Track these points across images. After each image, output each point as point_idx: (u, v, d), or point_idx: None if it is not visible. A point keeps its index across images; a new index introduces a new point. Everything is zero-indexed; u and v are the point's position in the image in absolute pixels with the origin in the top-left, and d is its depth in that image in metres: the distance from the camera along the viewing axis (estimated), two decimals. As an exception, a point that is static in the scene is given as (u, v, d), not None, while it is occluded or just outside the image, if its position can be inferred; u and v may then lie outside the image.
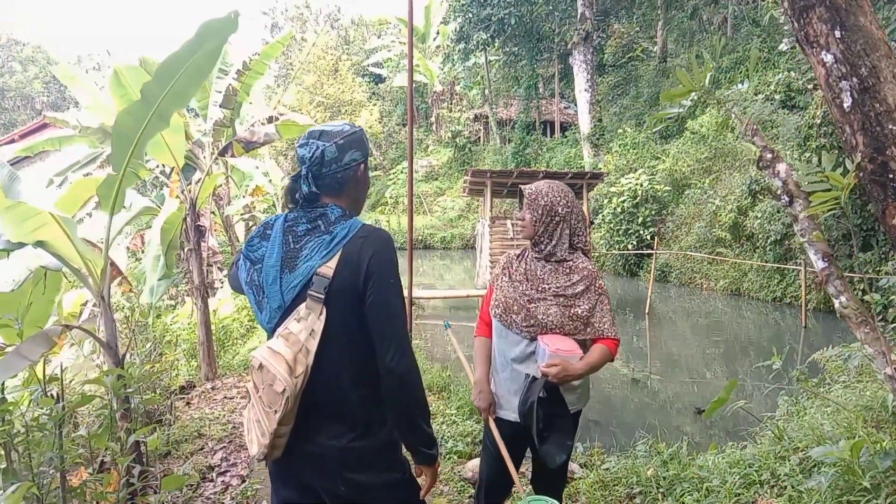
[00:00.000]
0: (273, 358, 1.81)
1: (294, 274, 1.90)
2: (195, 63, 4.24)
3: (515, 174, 13.95)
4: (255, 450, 1.86)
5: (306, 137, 1.98)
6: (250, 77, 14.46)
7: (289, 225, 1.98)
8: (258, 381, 1.85)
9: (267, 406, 1.81)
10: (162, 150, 7.01)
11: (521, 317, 2.71)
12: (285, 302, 1.90)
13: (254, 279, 1.97)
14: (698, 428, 7.12)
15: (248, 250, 2.02)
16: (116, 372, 3.93)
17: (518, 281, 2.79)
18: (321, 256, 1.88)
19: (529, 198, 2.79)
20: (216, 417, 5.76)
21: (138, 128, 4.22)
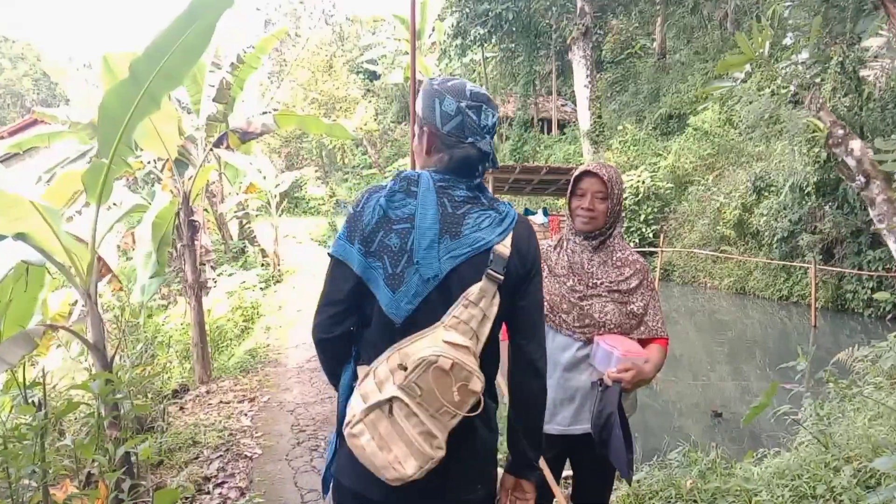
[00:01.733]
0: (460, 352, 1.51)
1: (457, 242, 1.60)
2: (187, 41, 3.90)
3: (518, 170, 13.61)
4: (413, 469, 1.50)
5: (476, 99, 1.67)
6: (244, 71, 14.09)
7: (441, 185, 1.66)
8: (439, 385, 1.49)
9: (452, 410, 1.50)
10: (153, 140, 6.66)
11: (573, 316, 2.39)
12: (441, 272, 1.58)
13: (390, 244, 1.60)
14: (718, 432, 6.80)
15: (388, 205, 1.62)
16: (104, 376, 3.57)
17: (562, 275, 2.45)
18: (497, 233, 1.63)
19: (609, 184, 2.40)
20: (211, 424, 5.40)
21: (127, 109, 3.87)
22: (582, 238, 2.47)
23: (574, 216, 2.45)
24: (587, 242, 2.46)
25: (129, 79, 3.79)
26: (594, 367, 2.37)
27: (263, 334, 9.81)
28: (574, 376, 2.41)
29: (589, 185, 2.41)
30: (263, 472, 4.54)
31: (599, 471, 2.50)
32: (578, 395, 2.41)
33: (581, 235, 2.47)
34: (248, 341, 9.44)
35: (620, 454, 2.22)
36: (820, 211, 13.96)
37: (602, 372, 2.29)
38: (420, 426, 1.50)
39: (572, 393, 2.42)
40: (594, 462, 2.45)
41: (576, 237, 2.49)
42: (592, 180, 2.41)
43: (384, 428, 1.51)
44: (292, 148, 35.74)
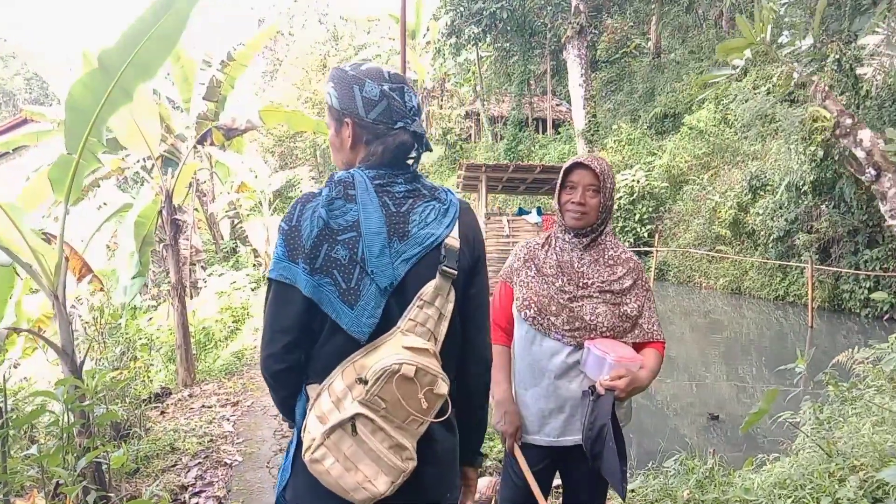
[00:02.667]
0: (423, 357, 1.40)
1: (407, 243, 1.50)
2: (161, 30, 3.72)
3: (511, 168, 13.45)
4: (385, 486, 1.38)
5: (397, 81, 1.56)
6: (235, 69, 13.91)
7: (379, 184, 1.53)
8: (404, 394, 1.36)
9: (419, 417, 1.39)
10: (135, 137, 6.47)
11: (563, 319, 2.23)
12: (396, 278, 1.47)
13: (338, 257, 1.45)
14: (714, 436, 6.64)
15: (329, 214, 1.46)
16: (70, 381, 3.39)
17: (551, 275, 2.30)
18: (445, 225, 1.54)
19: (601, 177, 2.25)
20: (192, 429, 5.21)
21: (96, 102, 3.68)
22: (572, 235, 2.32)
23: (564, 211, 2.30)
24: (577, 240, 2.31)
25: (99, 70, 3.61)
26: (585, 375, 2.21)
27: (251, 336, 9.62)
28: (564, 384, 2.25)
29: (580, 177, 2.26)
30: (243, 480, 4.36)
31: (591, 483, 2.33)
32: (569, 404, 2.25)
33: (571, 232, 2.32)
34: (235, 343, 9.25)
35: (614, 468, 2.06)
36: (816, 210, 13.82)
37: (594, 379, 2.13)
38: (388, 440, 1.38)
39: (562, 402, 2.26)
40: (585, 474, 2.30)
41: (565, 234, 2.34)
42: (584, 172, 2.26)
43: (348, 448, 1.38)
44: (286, 147, 35.53)
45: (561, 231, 2.36)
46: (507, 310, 2.40)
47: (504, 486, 2.43)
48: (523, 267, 2.38)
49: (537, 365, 2.30)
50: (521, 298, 2.32)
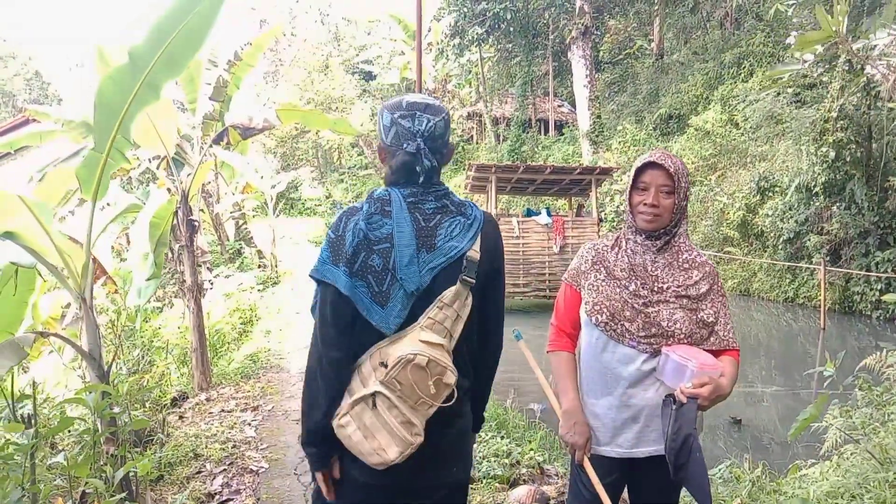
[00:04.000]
0: (436, 350, 1.68)
1: (434, 254, 1.76)
2: (190, 24, 3.60)
3: (521, 169, 13.35)
4: (395, 454, 1.67)
5: (410, 108, 1.81)
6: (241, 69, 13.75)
7: (411, 201, 1.80)
8: (417, 379, 1.66)
9: (429, 401, 1.68)
10: (150, 135, 6.36)
11: (638, 325, 2.12)
12: (423, 284, 1.74)
13: (373, 264, 1.74)
14: (741, 441, 6.53)
15: (368, 227, 1.75)
16: (101, 388, 3.28)
17: (623, 278, 2.19)
18: (468, 240, 1.79)
19: (676, 176, 2.13)
20: (213, 435, 5.09)
21: (125, 98, 3.57)
22: (644, 237, 2.20)
23: (636, 213, 2.18)
24: (650, 242, 2.19)
25: (128, 65, 3.49)
26: (663, 382, 2.10)
27: (263, 338, 9.50)
28: (638, 393, 2.15)
29: (652, 178, 2.14)
30: (271, 487, 4.25)
31: (663, 496, 2.24)
32: (643, 413, 2.15)
33: (643, 234, 2.19)
34: (248, 345, 9.13)
35: (700, 480, 1.96)
36: (827, 211, 13.74)
37: (673, 387, 2.03)
38: (401, 416, 1.66)
39: (636, 412, 2.15)
40: (658, 487, 2.21)
41: (636, 236, 2.22)
42: (657, 173, 2.13)
43: (368, 419, 1.68)
44: (288, 148, 35.41)
45: (631, 232, 2.23)
46: (572, 314, 2.30)
47: (572, 499, 2.32)
48: (591, 269, 2.26)
49: (609, 373, 2.18)
50: (592, 303, 2.20)
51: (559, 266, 13.36)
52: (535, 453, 4.69)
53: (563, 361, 2.30)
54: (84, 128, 9.44)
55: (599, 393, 2.22)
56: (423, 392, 1.66)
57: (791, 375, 9.58)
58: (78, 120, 9.40)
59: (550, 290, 13.48)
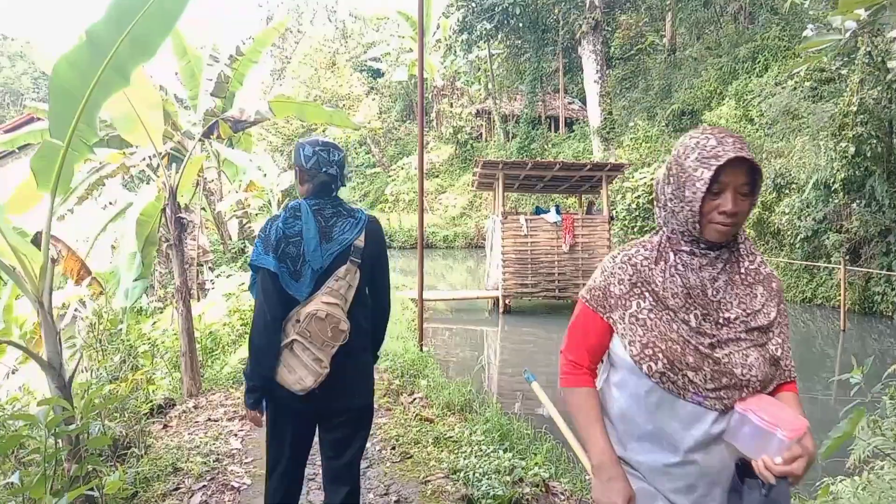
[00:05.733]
0: (332, 308, 2.40)
1: (332, 243, 2.48)
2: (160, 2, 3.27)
3: (529, 166, 12.96)
4: (311, 381, 2.38)
5: (325, 146, 2.56)
6: (243, 65, 13.43)
7: (315, 209, 2.51)
8: (318, 328, 2.38)
9: (330, 342, 2.40)
10: (135, 128, 6.02)
11: (705, 374, 1.63)
12: (324, 264, 2.45)
13: (289, 252, 2.43)
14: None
15: (284, 227, 2.45)
16: (53, 402, 2.94)
17: (678, 308, 1.67)
18: (355, 233, 2.52)
19: (758, 171, 1.63)
20: (196, 446, 4.75)
21: (85, 82, 3.23)
22: (703, 248, 1.68)
23: (707, 222, 1.62)
24: (710, 255, 1.68)
25: (87, 45, 3.16)
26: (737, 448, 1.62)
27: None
28: (700, 458, 1.67)
29: (733, 177, 1.60)
30: (252, 507, 3.91)
31: None
32: (703, 481, 1.70)
33: (702, 244, 1.68)
34: (243, 348, 8.79)
35: None
36: (846, 209, 13.30)
37: (752, 457, 1.55)
38: (312, 355, 2.38)
39: (694, 479, 1.70)
40: None
41: (688, 244, 1.70)
42: (737, 170, 1.59)
43: (290, 359, 2.40)
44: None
45: (685, 240, 1.70)
46: (594, 347, 1.83)
47: None
48: (632, 294, 1.73)
49: (665, 436, 1.70)
50: (640, 344, 1.68)
51: (569, 265, 12.97)
52: (540, 468, 4.34)
53: (586, 400, 1.81)
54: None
55: (648, 457, 1.76)
56: (324, 336, 2.39)
57: (810, 379, 9.19)
58: None
59: (559, 291, 13.10)
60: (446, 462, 4.40)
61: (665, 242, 1.75)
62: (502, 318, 13.05)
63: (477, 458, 4.44)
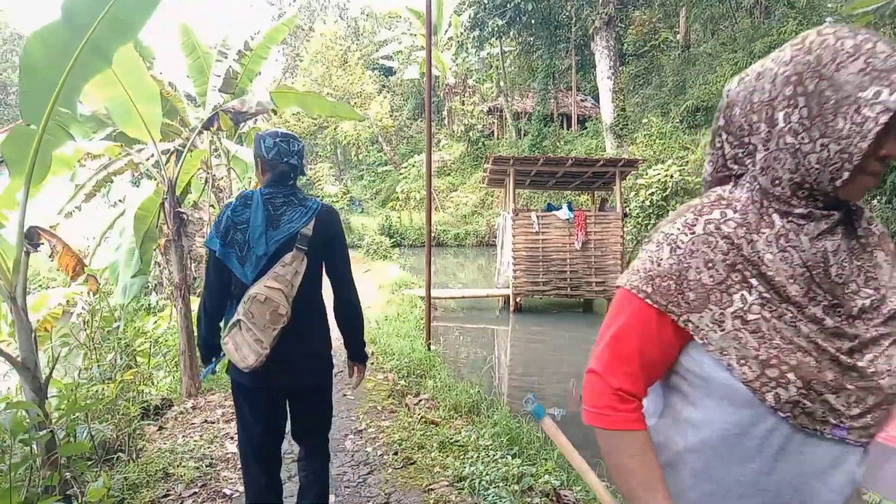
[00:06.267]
0: (273, 292, 2.51)
1: (278, 231, 2.61)
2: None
3: (541, 161, 12.67)
4: (253, 360, 2.50)
5: (285, 137, 2.72)
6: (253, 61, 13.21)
7: (266, 198, 2.64)
8: (258, 311, 2.50)
9: (270, 325, 2.50)
10: (132, 120, 5.84)
11: (850, 396, 1.13)
12: (269, 251, 2.58)
13: (236, 238, 2.60)
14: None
15: (233, 214, 2.61)
16: (24, 406, 2.73)
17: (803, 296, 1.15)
18: (302, 221, 2.64)
19: None
20: (190, 450, 4.54)
21: (61, 63, 3.01)
22: (820, 205, 1.17)
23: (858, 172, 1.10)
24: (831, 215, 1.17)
25: (63, 23, 2.94)
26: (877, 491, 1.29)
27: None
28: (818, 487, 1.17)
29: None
30: (244, 516, 3.68)
31: None
32: None
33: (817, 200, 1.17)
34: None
35: None
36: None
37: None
38: (254, 336, 2.51)
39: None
40: None
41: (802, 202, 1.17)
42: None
43: (237, 337, 2.54)
44: (307, 143, 34.98)
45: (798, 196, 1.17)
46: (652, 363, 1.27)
47: None
48: (731, 283, 1.18)
49: (792, 493, 1.18)
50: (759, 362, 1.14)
51: (581, 263, 12.67)
52: (551, 476, 4.09)
53: (642, 452, 1.25)
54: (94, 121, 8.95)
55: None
56: (264, 319, 2.48)
57: None
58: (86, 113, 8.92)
59: (571, 289, 12.80)
60: (451, 469, 4.16)
61: (761, 200, 1.21)
62: (513, 316, 12.78)
63: (484, 464, 4.19)
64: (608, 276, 12.64)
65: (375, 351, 7.82)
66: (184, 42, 12.58)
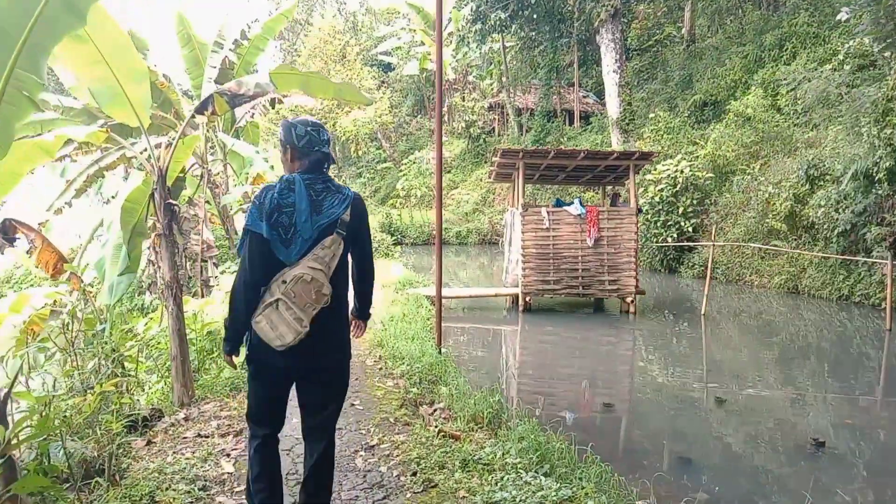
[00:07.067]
0: (316, 273, 2.67)
1: (321, 216, 2.76)
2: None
3: (552, 154, 12.15)
4: (291, 338, 2.63)
5: (315, 125, 2.87)
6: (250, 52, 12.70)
7: (307, 183, 2.79)
8: (303, 290, 2.64)
9: (312, 304, 2.66)
10: (119, 102, 5.31)
11: None
12: (313, 234, 2.73)
13: (282, 220, 2.71)
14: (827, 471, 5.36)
15: (280, 197, 2.72)
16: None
17: None
18: (342, 208, 2.81)
19: None
20: (181, 469, 4.01)
21: (23, 17, 2.49)
22: None
23: None
24: None
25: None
26: None
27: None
28: None
29: None
30: (242, 552, 3.17)
31: None
32: None
33: None
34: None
35: None
36: (889, 201, 12.43)
37: None
38: (294, 314, 2.64)
39: None
40: None
41: None
42: None
43: (274, 316, 2.65)
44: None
45: None
46: None
47: None
48: None
49: None
50: None
51: (593, 261, 12.13)
52: (591, 500, 3.58)
53: None
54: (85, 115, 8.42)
55: None
56: (308, 298, 2.67)
57: (847, 381, 8.43)
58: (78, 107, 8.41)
59: (583, 288, 12.27)
60: (479, 494, 3.62)
61: None
62: (522, 316, 12.27)
63: (516, 487, 3.68)
64: (621, 275, 12.12)
65: (383, 355, 7.30)
66: (179, 32, 12.09)
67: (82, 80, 5.50)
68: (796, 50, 19.98)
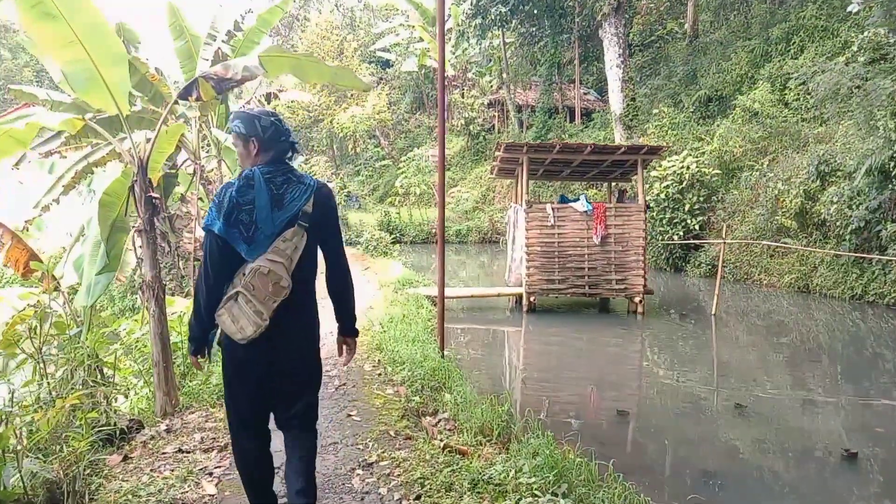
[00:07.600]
0: (275, 265, 2.62)
1: (283, 211, 2.69)
2: None
3: (557, 148, 11.71)
4: (251, 331, 2.59)
5: (276, 115, 2.81)
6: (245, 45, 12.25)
7: (267, 177, 2.70)
8: (261, 283, 2.60)
9: (271, 297, 2.61)
10: (95, 86, 4.89)
11: None
12: (276, 230, 2.66)
13: (242, 218, 2.65)
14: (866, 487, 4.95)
15: (238, 195, 2.65)
16: None
17: None
18: (304, 200, 2.73)
19: None
20: (158, 491, 3.58)
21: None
22: None
23: None
24: None
25: None
26: None
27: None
28: None
29: None
30: None
31: None
32: None
33: None
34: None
35: None
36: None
37: None
38: (254, 307, 2.60)
39: None
40: None
41: None
42: None
43: (235, 309, 2.63)
44: (302, 137, 34.04)
45: None
46: None
47: None
48: None
49: None
50: None
51: (600, 260, 11.68)
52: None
53: None
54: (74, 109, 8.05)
55: None
56: (266, 291, 2.61)
57: (860, 383, 8.04)
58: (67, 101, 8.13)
59: (590, 288, 11.82)
60: (492, 523, 3.21)
61: None
62: (526, 317, 11.84)
63: (531, 515, 3.25)
64: (629, 274, 11.68)
65: (382, 359, 6.87)
66: (171, 24, 11.64)
67: (55, 62, 5.09)
68: (804, 43, 19.57)
